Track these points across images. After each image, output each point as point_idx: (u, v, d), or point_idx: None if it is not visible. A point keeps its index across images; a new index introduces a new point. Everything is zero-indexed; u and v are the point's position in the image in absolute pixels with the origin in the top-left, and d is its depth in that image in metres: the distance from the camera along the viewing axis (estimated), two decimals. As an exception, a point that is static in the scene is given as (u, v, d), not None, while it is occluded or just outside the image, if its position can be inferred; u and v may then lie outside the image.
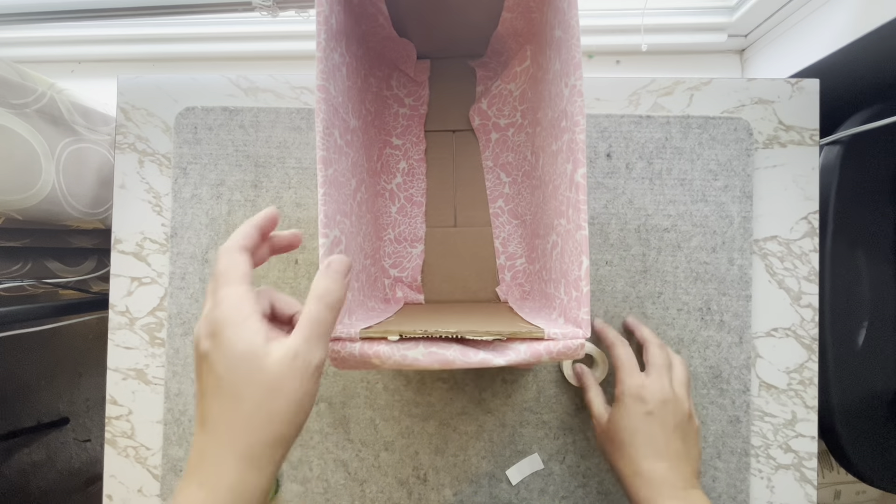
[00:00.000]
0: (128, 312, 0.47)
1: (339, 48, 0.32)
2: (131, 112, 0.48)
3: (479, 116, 0.44)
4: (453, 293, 0.45)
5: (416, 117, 0.45)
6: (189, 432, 0.46)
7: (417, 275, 0.44)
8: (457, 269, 0.45)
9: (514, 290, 0.44)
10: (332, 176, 0.30)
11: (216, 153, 0.47)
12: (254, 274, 0.47)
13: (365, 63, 0.40)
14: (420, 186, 0.45)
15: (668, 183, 0.45)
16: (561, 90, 0.31)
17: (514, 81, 0.43)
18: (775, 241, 0.45)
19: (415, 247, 0.45)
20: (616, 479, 0.38)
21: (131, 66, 0.71)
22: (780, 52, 0.56)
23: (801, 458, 0.44)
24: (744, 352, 0.44)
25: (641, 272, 0.45)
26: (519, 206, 0.44)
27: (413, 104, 0.45)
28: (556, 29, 0.32)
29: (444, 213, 0.45)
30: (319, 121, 0.28)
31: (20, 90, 0.49)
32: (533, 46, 0.40)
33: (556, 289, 0.33)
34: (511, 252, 0.44)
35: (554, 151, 0.33)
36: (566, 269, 0.30)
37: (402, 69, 0.44)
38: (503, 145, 0.45)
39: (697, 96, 0.46)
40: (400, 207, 0.45)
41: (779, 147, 0.46)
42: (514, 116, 0.44)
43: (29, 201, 0.50)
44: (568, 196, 0.29)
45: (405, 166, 0.45)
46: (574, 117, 0.28)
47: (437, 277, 0.45)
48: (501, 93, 0.43)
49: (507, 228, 0.45)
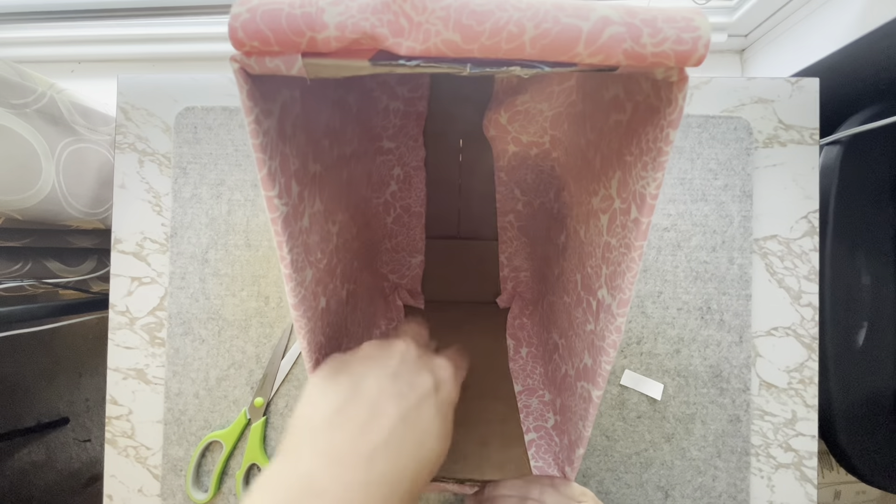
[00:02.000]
0: (128, 312, 0.47)
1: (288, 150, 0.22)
2: (131, 112, 0.48)
3: (495, 128, 0.35)
4: (453, 296, 0.44)
5: (413, 115, 0.36)
6: (189, 432, 0.46)
7: (417, 284, 0.43)
8: (458, 279, 0.43)
9: (515, 301, 0.43)
10: (311, 318, 0.24)
11: (216, 153, 0.47)
12: (254, 273, 0.47)
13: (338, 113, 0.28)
14: (419, 197, 0.39)
15: (668, 182, 0.45)
16: (599, 277, 0.24)
17: (549, 101, 0.32)
18: (775, 241, 0.45)
19: (414, 257, 0.42)
20: None
21: (131, 66, 0.71)
22: (780, 51, 0.56)
23: (801, 457, 0.44)
24: (744, 351, 0.44)
25: (641, 271, 0.45)
26: (531, 228, 0.39)
27: (409, 97, 0.35)
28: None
29: (447, 223, 0.41)
30: (288, 280, 0.21)
31: (20, 90, 0.49)
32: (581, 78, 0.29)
33: (554, 391, 0.31)
34: (516, 265, 0.42)
35: (579, 290, 0.28)
36: (566, 415, 0.29)
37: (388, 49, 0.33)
38: (522, 161, 0.36)
39: (697, 95, 0.46)
40: (396, 218, 0.40)
41: (779, 146, 0.46)
42: (541, 137, 0.34)
43: (29, 201, 0.50)
44: (575, 391, 0.27)
45: (400, 173, 0.38)
46: (604, 340, 0.23)
47: (436, 283, 0.44)
48: (529, 111, 0.33)
49: (514, 244, 0.41)
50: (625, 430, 0.44)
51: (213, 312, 0.46)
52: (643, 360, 0.45)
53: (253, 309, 0.46)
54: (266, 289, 0.46)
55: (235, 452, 0.45)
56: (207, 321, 0.46)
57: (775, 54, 0.57)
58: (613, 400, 0.45)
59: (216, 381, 0.46)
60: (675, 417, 0.44)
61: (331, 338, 0.27)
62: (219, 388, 0.46)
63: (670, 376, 0.44)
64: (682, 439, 0.44)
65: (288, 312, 0.46)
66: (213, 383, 0.46)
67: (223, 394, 0.46)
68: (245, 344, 0.46)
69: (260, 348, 0.46)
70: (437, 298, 0.43)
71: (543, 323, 0.37)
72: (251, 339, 0.46)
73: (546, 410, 0.31)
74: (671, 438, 0.44)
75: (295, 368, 0.46)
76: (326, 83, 0.25)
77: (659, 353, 0.45)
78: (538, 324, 0.38)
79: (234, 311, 0.46)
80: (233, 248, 0.46)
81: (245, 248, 0.46)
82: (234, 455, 0.45)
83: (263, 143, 0.18)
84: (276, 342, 0.46)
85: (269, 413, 0.45)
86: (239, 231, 0.47)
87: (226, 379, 0.46)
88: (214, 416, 0.46)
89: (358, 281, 0.34)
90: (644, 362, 0.45)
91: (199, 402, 0.46)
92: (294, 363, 0.46)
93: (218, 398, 0.46)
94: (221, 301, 0.46)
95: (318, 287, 0.24)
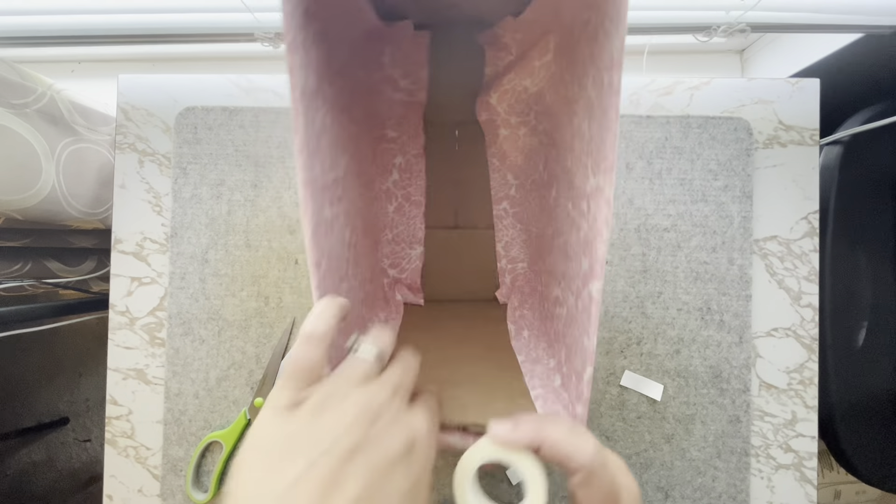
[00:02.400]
0: (128, 312, 0.47)
1: (321, 107, 0.26)
2: (131, 112, 0.48)
3: (486, 111, 0.39)
4: (453, 293, 0.44)
5: (414, 105, 0.39)
6: (189, 432, 0.46)
7: (417, 277, 0.43)
8: (457, 270, 0.43)
9: (514, 294, 0.43)
10: (326, 267, 0.26)
11: (216, 153, 0.47)
12: (254, 274, 0.47)
13: (346, 92, 0.31)
14: (419, 184, 0.41)
15: (668, 183, 0.45)
16: (586, 168, 0.25)
17: (531, 77, 0.36)
18: (775, 241, 0.45)
19: (414, 248, 0.43)
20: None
21: (131, 66, 0.71)
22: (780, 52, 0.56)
23: (801, 457, 0.44)
24: (744, 352, 0.44)
25: (641, 272, 0.45)
26: (525, 212, 0.41)
27: (410, 88, 0.38)
28: (589, 80, 0.25)
29: (445, 213, 0.43)
30: (307, 221, 0.24)
31: (20, 90, 0.49)
32: (558, 39, 0.32)
33: (559, 347, 0.31)
34: (513, 256, 0.43)
35: (571, 216, 0.29)
36: (570, 352, 0.28)
37: (395, 43, 0.36)
38: (513, 144, 0.40)
39: (697, 96, 0.46)
40: (397, 207, 0.42)
41: (779, 147, 0.46)
42: (527, 116, 0.38)
43: (29, 201, 0.50)
44: (579, 287, 0.26)
45: (402, 161, 0.41)
46: (597, 223, 0.23)
47: (436, 277, 0.44)
48: (515, 88, 0.37)
49: (510, 232, 0.42)
50: (625, 430, 0.44)
51: (213, 312, 0.46)
52: (643, 361, 0.45)
53: (253, 309, 0.46)
54: (266, 289, 0.46)
55: (235, 453, 0.45)
56: (207, 321, 0.46)
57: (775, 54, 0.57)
58: (613, 400, 0.45)
59: (216, 381, 0.46)
60: (675, 418, 0.44)
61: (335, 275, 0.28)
62: (219, 388, 0.46)
63: (670, 377, 0.44)
64: (681, 440, 0.44)
65: (288, 313, 0.46)
66: (213, 383, 0.46)
67: (223, 394, 0.46)
68: (245, 344, 0.46)
69: (260, 348, 0.46)
70: (437, 294, 0.43)
71: (544, 295, 0.37)
72: (251, 340, 0.46)
73: (552, 374, 0.31)
74: (671, 439, 0.44)
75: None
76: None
77: (659, 354, 0.45)
78: (538, 312, 0.38)
79: (234, 312, 0.46)
80: (233, 249, 0.46)
81: (245, 248, 0.46)
82: (234, 455, 0.45)
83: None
84: (275, 342, 0.46)
85: (268, 413, 0.45)
86: (239, 231, 0.47)
87: (226, 379, 0.46)
88: (214, 417, 0.46)
89: (364, 299, 0.34)
90: (644, 363, 0.45)
91: (198, 402, 0.46)
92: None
93: (218, 398, 0.46)
94: (221, 301, 0.46)
95: (325, 194, 0.26)
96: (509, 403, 0.28)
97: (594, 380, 0.45)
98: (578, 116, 0.28)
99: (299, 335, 0.22)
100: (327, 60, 0.27)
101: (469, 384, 0.30)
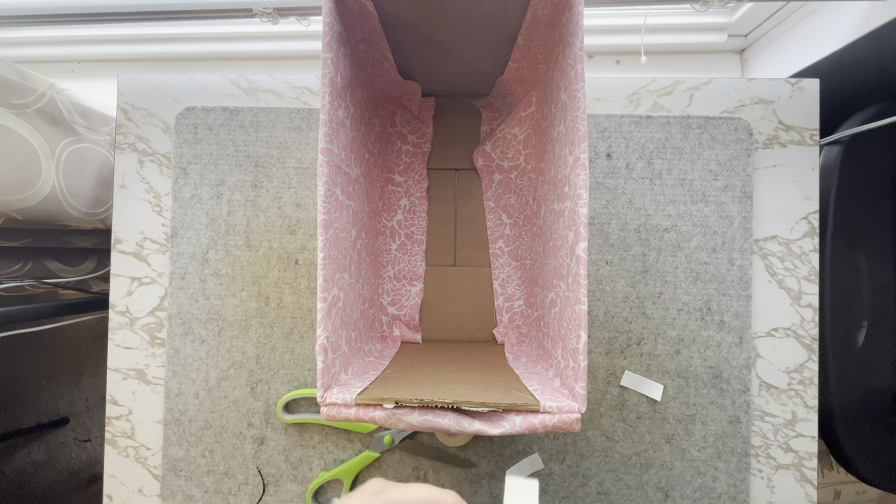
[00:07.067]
0: (128, 312, 0.47)
1: (344, 101, 0.31)
2: (131, 112, 0.48)
3: (482, 158, 0.44)
4: (450, 332, 0.45)
5: (419, 154, 0.45)
6: (189, 432, 0.46)
7: (416, 314, 0.45)
8: (455, 308, 0.45)
9: (511, 332, 0.44)
10: (333, 236, 0.29)
11: (216, 153, 0.47)
12: (254, 273, 0.47)
13: (369, 106, 0.40)
14: (421, 224, 0.45)
15: (668, 183, 0.45)
16: (565, 156, 0.30)
17: (519, 126, 0.42)
18: (775, 241, 0.45)
19: (414, 285, 0.45)
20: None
21: (131, 66, 0.71)
22: (780, 52, 0.56)
23: (801, 457, 0.44)
24: (744, 352, 0.44)
25: (641, 272, 0.45)
26: (519, 248, 0.44)
27: (416, 141, 0.45)
28: (562, 91, 0.31)
29: (444, 251, 0.45)
30: (322, 184, 0.28)
31: (20, 90, 0.49)
32: (538, 93, 0.40)
33: (554, 347, 0.32)
34: (510, 294, 0.44)
35: (556, 211, 0.33)
36: (564, 334, 0.30)
37: (406, 106, 0.44)
38: (506, 187, 0.45)
39: (697, 96, 0.46)
40: (400, 245, 0.45)
41: (779, 147, 0.46)
42: (517, 160, 0.44)
43: (29, 201, 0.50)
44: (568, 263, 0.29)
45: (407, 203, 0.45)
46: (577, 189, 0.27)
47: (434, 316, 0.45)
48: (506, 136, 0.43)
49: (506, 270, 0.45)
50: (625, 430, 0.44)
51: (213, 313, 0.46)
52: (643, 361, 0.45)
53: (253, 309, 0.46)
54: (266, 289, 0.46)
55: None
56: (207, 321, 0.46)
57: (775, 54, 0.57)
58: (613, 401, 0.45)
59: (216, 381, 0.46)
60: (675, 418, 0.44)
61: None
62: (219, 388, 0.46)
63: (670, 377, 0.44)
64: (682, 440, 0.44)
65: (287, 313, 0.46)
66: (213, 383, 0.46)
67: (223, 394, 0.46)
68: (245, 344, 0.46)
69: (260, 348, 0.46)
70: (435, 333, 0.45)
71: (539, 317, 0.38)
72: (251, 340, 0.46)
73: (551, 380, 0.31)
74: (671, 439, 0.44)
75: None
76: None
77: (659, 354, 0.45)
78: (535, 346, 0.39)
79: (234, 312, 0.46)
80: (233, 249, 0.47)
81: (245, 248, 0.46)
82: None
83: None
84: (275, 342, 0.46)
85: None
86: (239, 231, 0.47)
87: (226, 379, 0.46)
88: (214, 417, 0.46)
89: (361, 316, 0.37)
90: (644, 363, 0.45)
91: (198, 402, 0.46)
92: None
93: (218, 398, 0.46)
94: (221, 301, 0.46)
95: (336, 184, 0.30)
96: (506, 393, 0.29)
97: (594, 380, 0.45)
98: (556, 128, 0.32)
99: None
100: (355, 80, 0.33)
101: (466, 383, 0.31)
